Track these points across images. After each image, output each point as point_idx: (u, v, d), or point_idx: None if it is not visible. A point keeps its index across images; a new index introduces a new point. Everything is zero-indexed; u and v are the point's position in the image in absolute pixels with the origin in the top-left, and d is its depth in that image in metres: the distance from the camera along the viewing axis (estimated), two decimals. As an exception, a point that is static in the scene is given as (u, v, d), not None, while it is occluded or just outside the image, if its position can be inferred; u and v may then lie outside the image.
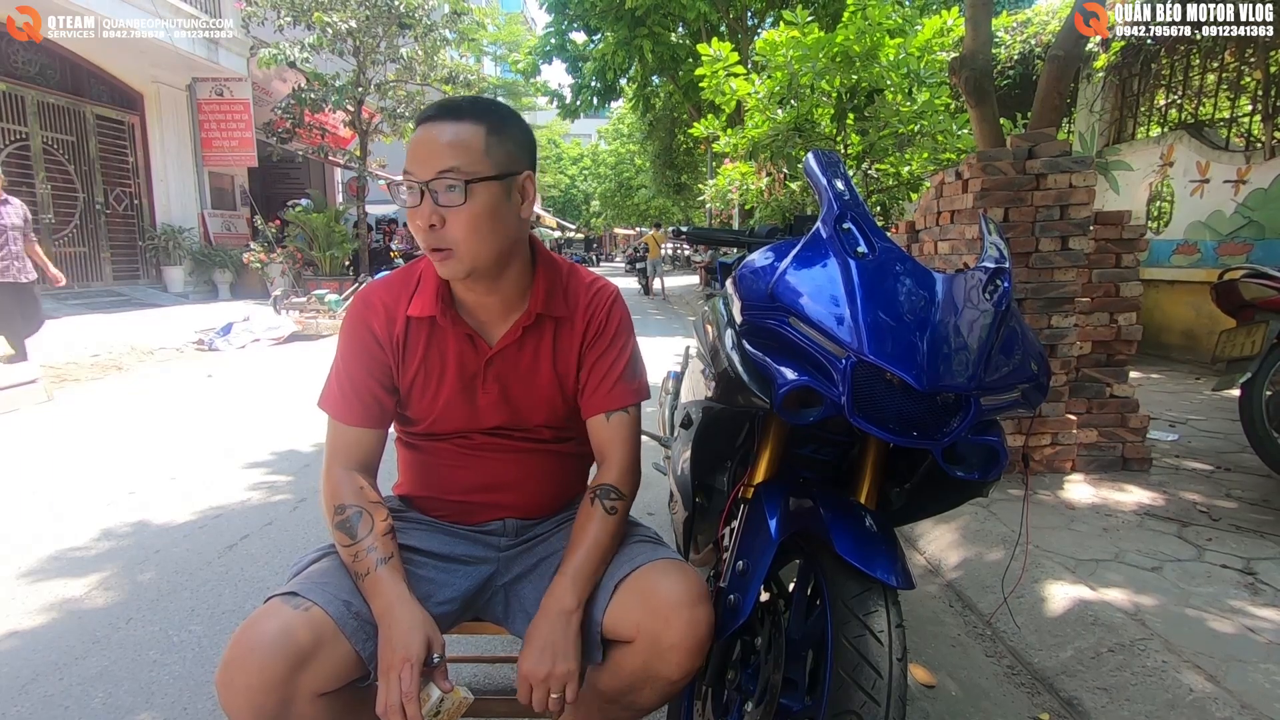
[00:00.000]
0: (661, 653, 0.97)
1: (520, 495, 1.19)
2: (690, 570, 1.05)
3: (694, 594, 0.99)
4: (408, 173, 0.99)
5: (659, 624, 0.97)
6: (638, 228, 30.26)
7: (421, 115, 1.03)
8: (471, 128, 1.00)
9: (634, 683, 1.01)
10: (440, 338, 1.12)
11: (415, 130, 1.02)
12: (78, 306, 8.73)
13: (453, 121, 1.00)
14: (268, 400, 4.76)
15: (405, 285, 1.14)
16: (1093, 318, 2.82)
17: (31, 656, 1.75)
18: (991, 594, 1.99)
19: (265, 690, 0.88)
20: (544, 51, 14.50)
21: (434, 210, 0.98)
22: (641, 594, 1.01)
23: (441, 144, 0.98)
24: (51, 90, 9.38)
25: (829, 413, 0.93)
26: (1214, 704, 1.39)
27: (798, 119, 6.26)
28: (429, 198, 0.99)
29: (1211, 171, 5.52)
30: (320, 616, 0.95)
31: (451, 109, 1.02)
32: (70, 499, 2.87)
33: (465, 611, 1.15)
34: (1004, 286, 0.97)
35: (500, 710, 1.45)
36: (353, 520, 1.04)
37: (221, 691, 0.89)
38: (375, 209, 15.35)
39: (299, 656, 0.90)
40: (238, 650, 0.90)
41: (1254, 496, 2.55)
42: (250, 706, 0.88)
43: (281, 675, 0.88)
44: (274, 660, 0.88)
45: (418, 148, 1.00)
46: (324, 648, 0.93)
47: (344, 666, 0.96)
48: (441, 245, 1.01)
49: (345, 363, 1.12)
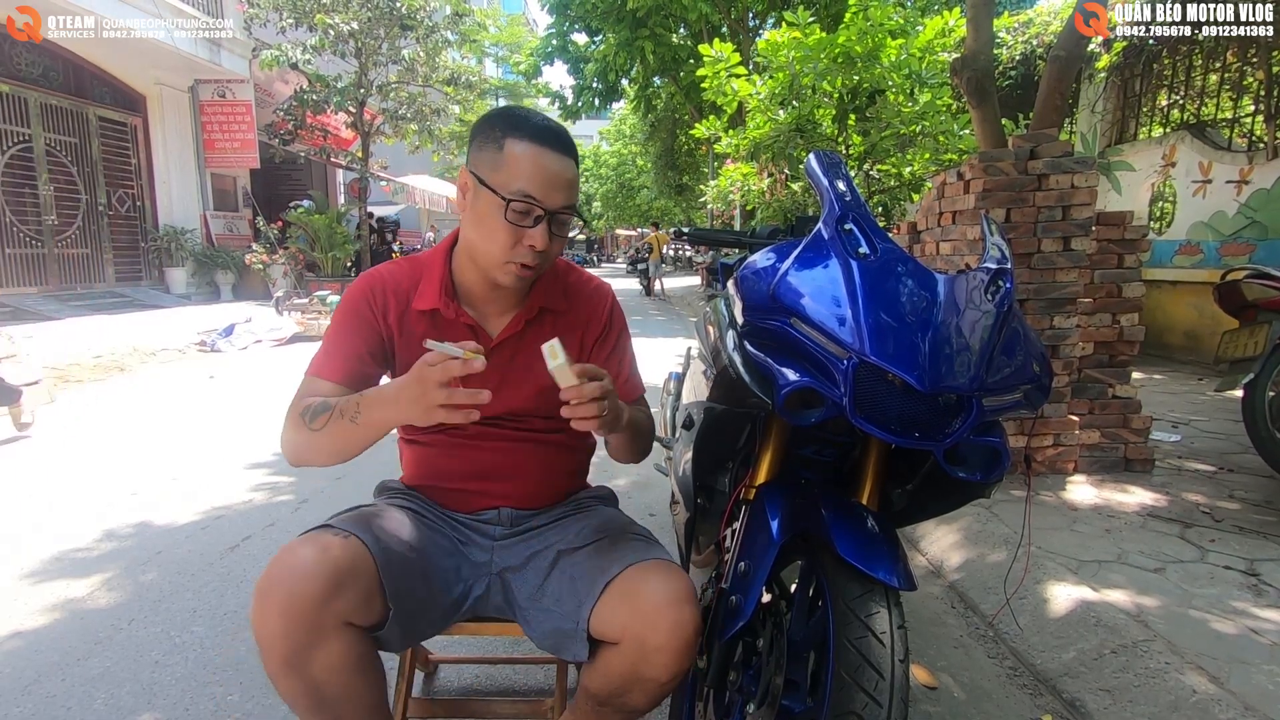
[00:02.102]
0: (647, 655, 0.97)
1: (515, 485, 1.22)
2: (678, 570, 1.05)
3: (679, 594, 0.99)
4: (530, 197, 1.05)
5: (645, 627, 0.97)
6: (639, 228, 30.25)
7: (536, 133, 1.07)
8: (576, 168, 1.11)
9: (623, 685, 1.01)
10: (443, 329, 1.15)
11: (527, 147, 1.06)
12: (80, 308, 8.74)
13: (569, 159, 1.09)
14: (270, 401, 4.76)
15: (408, 275, 1.18)
16: (1095, 318, 2.81)
17: (34, 657, 1.75)
18: (994, 595, 1.99)
19: (302, 610, 0.90)
20: (545, 53, 14.50)
21: (549, 237, 1.08)
22: (628, 595, 1.01)
23: (567, 179, 1.08)
24: (54, 92, 9.40)
25: (831, 414, 0.93)
26: (1217, 705, 1.39)
27: (799, 120, 6.26)
28: (545, 224, 1.07)
29: (1214, 172, 5.51)
30: (356, 544, 0.99)
31: (570, 147, 1.11)
32: (72, 500, 2.87)
33: (462, 603, 1.15)
34: (1006, 287, 0.97)
35: (500, 710, 1.45)
36: (319, 406, 1.04)
37: (257, 610, 0.92)
38: (377, 210, 15.36)
39: (337, 577, 0.93)
40: (277, 569, 0.93)
41: (1257, 497, 2.55)
42: (285, 627, 0.90)
43: (319, 594, 0.91)
44: (313, 580, 0.92)
45: (545, 175, 1.06)
46: (358, 574, 0.97)
47: (371, 598, 0.99)
48: (539, 263, 1.09)
49: (336, 330, 1.15)
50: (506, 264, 1.08)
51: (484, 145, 1.09)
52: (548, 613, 1.11)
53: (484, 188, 1.07)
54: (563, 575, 1.13)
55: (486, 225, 1.07)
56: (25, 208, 8.95)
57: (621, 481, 2.95)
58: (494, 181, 1.06)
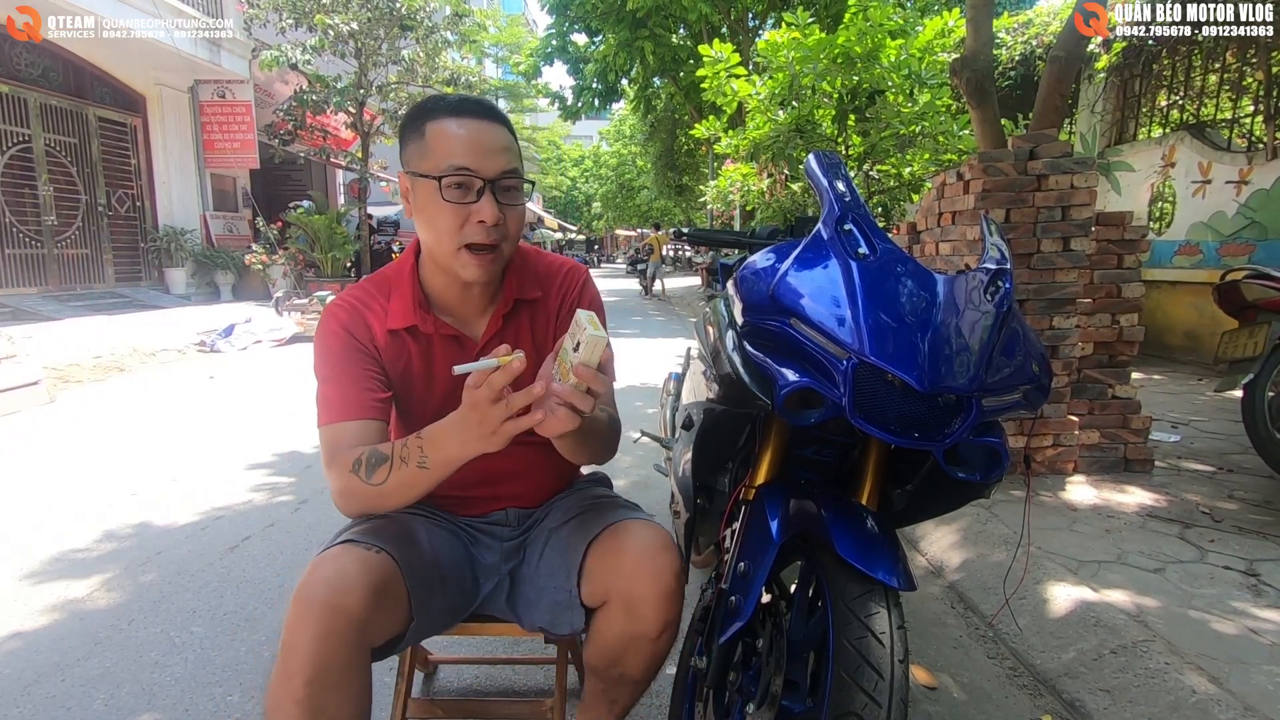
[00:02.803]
0: (634, 607, 0.99)
1: (520, 485, 1.22)
2: (653, 525, 1.08)
3: (656, 544, 1.02)
4: (464, 169, 0.99)
5: (626, 580, 1.00)
6: (639, 229, 30.27)
7: (452, 108, 1.01)
8: (509, 132, 1.05)
9: (618, 648, 1.03)
10: (424, 345, 1.12)
11: (446, 123, 1.00)
12: (80, 308, 8.74)
13: (496, 124, 1.03)
14: (269, 402, 4.76)
15: (375, 296, 1.12)
16: (1094, 319, 2.81)
17: (33, 658, 1.75)
18: (993, 595, 1.99)
19: (343, 629, 0.87)
20: (545, 53, 14.52)
21: (497, 208, 1.01)
22: (608, 554, 1.04)
23: (500, 144, 1.02)
24: (54, 92, 9.40)
25: (830, 414, 0.93)
26: (1217, 706, 1.39)
27: (799, 120, 6.26)
28: (490, 193, 1.00)
29: (1213, 172, 5.51)
30: (387, 560, 0.99)
31: (492, 111, 1.04)
32: (72, 500, 2.87)
33: (471, 603, 1.16)
34: (1005, 288, 0.97)
35: (500, 711, 1.46)
36: (372, 458, 0.99)
37: (295, 621, 0.87)
38: (377, 210, 15.36)
39: (376, 595, 0.92)
40: (319, 580, 0.90)
41: (1256, 498, 2.55)
42: (319, 645, 0.86)
43: (361, 610, 0.89)
44: (354, 593, 0.90)
45: (473, 145, 1.00)
46: (390, 591, 0.96)
47: (399, 613, 0.99)
48: (496, 241, 1.03)
49: (335, 370, 1.07)
50: (459, 250, 1.02)
51: (409, 139, 1.05)
52: (542, 590, 1.13)
53: (419, 178, 1.01)
54: (553, 551, 1.15)
55: (429, 215, 1.02)
56: (25, 208, 8.95)
57: (621, 483, 2.94)
58: (425, 168, 1.01)
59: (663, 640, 1.02)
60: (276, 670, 0.88)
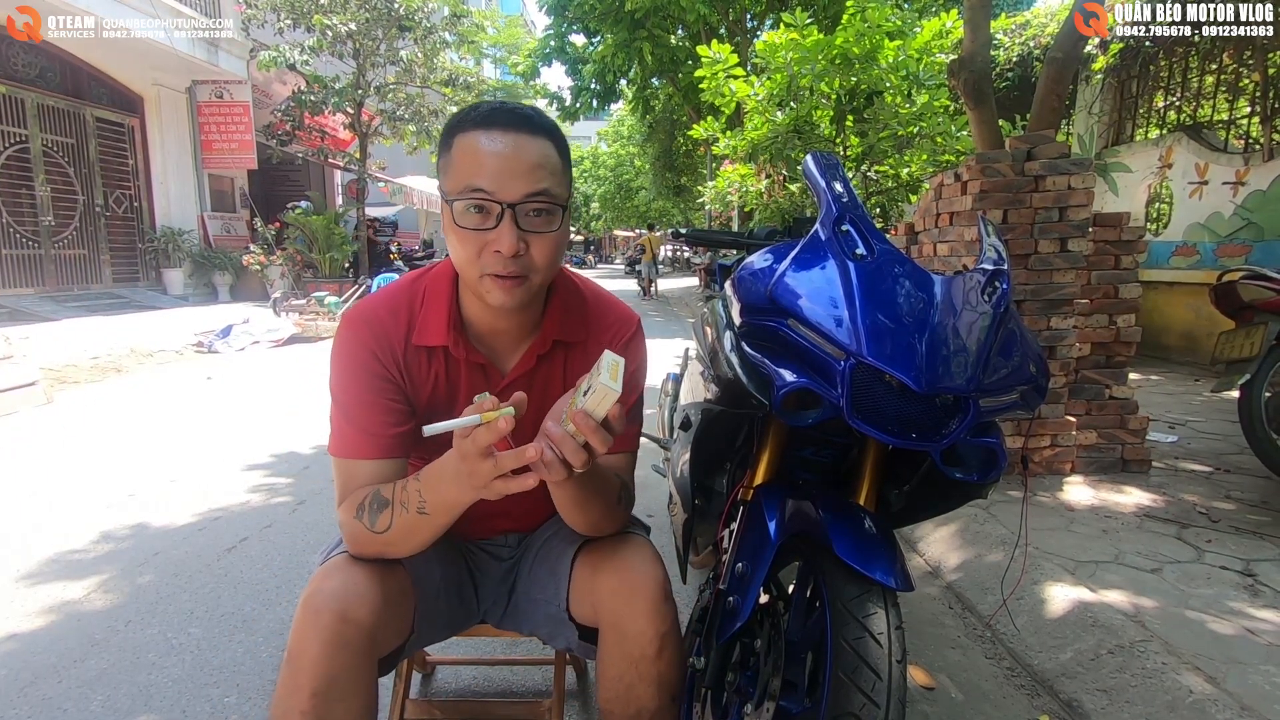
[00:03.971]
0: (621, 627, 0.98)
1: (524, 511, 1.20)
2: (638, 537, 1.09)
3: (636, 558, 1.02)
4: (481, 190, 0.87)
5: (609, 598, 0.99)
6: (638, 229, 30.28)
7: (481, 119, 0.89)
8: (550, 146, 0.91)
9: (623, 682, 0.99)
10: (451, 368, 1.03)
11: (472, 137, 0.89)
12: (77, 309, 8.72)
13: (534, 136, 0.90)
14: (267, 402, 4.75)
15: (404, 307, 1.02)
16: (1092, 319, 2.82)
17: (30, 659, 1.74)
18: (991, 596, 1.99)
19: (351, 638, 0.86)
20: (543, 54, 14.51)
21: (520, 235, 0.89)
22: (591, 570, 1.04)
23: (530, 162, 0.89)
24: (51, 93, 9.38)
25: (828, 414, 0.94)
26: (1214, 706, 1.39)
27: (797, 121, 6.26)
28: (510, 220, 0.88)
29: (1210, 173, 5.53)
30: (401, 571, 0.98)
31: (529, 121, 0.90)
32: (69, 501, 2.87)
33: (471, 620, 1.18)
34: (1003, 288, 0.97)
35: (498, 712, 1.46)
36: (374, 502, 0.93)
37: (302, 626, 0.86)
38: (374, 211, 15.35)
39: (387, 605, 0.92)
40: (329, 587, 0.89)
41: (1253, 498, 2.55)
42: (327, 653, 0.84)
43: (370, 620, 0.89)
44: (365, 604, 0.89)
45: (496, 164, 0.87)
46: (399, 603, 0.96)
47: (404, 625, 0.98)
48: (519, 273, 0.91)
49: (348, 393, 0.98)
50: (481, 278, 0.91)
51: (441, 153, 0.94)
52: (535, 602, 1.14)
53: (444, 201, 0.92)
54: (541, 564, 1.15)
55: (451, 239, 0.92)
56: (22, 208, 8.93)
57: (619, 482, 2.93)
58: (446, 187, 0.91)
59: (664, 658, 0.97)
60: (282, 680, 0.86)
